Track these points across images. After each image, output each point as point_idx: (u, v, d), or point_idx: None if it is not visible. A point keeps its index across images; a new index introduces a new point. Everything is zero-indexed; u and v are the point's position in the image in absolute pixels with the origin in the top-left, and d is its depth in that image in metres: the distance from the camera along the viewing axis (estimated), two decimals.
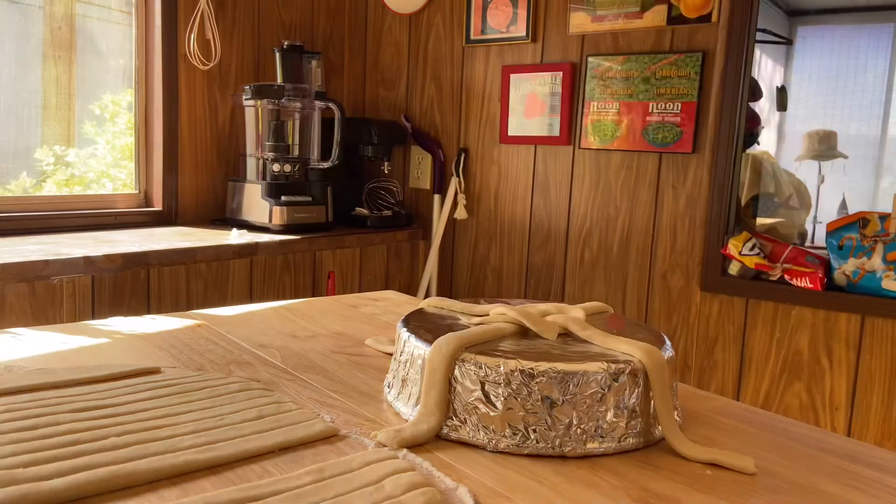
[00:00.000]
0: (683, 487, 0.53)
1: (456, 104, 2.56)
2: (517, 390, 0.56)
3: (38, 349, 0.77)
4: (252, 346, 0.82)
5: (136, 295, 1.79)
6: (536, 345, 0.62)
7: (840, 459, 0.59)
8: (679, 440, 0.58)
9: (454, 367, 0.58)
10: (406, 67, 2.68)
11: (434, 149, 2.59)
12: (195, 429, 0.55)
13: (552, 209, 2.33)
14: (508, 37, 2.37)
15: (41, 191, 2.14)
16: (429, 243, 2.60)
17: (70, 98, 2.19)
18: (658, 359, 0.59)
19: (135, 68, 2.28)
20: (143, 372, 0.69)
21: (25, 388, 0.63)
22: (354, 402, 0.66)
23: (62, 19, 2.15)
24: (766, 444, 0.62)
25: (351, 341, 0.87)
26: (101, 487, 0.46)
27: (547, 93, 2.29)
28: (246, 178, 2.35)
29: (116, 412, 0.58)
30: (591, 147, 2.21)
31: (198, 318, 0.93)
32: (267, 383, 0.69)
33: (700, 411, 0.69)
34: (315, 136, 2.40)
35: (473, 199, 2.53)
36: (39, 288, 1.59)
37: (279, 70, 2.33)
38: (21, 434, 0.53)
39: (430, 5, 2.58)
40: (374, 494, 0.47)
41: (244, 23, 2.44)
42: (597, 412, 0.56)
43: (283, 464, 0.52)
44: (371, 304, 1.09)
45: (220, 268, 1.97)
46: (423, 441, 0.57)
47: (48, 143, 2.16)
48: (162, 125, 2.26)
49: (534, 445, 0.56)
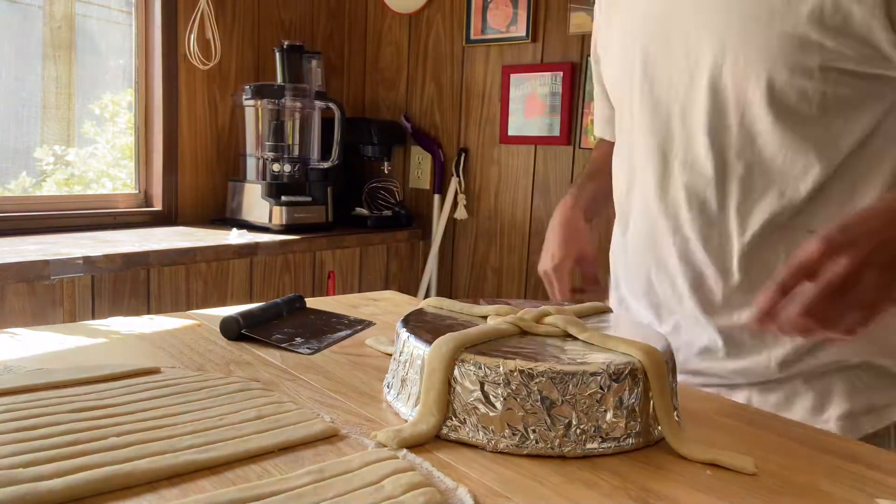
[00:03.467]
0: (683, 487, 0.53)
1: (456, 104, 2.56)
2: (516, 390, 0.56)
3: (38, 349, 0.77)
4: (252, 346, 0.82)
5: (136, 295, 1.79)
6: (536, 345, 0.62)
7: (840, 459, 0.59)
8: (679, 440, 0.58)
9: (454, 368, 0.58)
10: (406, 67, 2.68)
11: (434, 149, 2.59)
12: (195, 429, 0.55)
13: (552, 209, 2.32)
14: (508, 37, 2.37)
15: (41, 190, 2.14)
16: (429, 243, 2.60)
17: (70, 98, 2.19)
18: (658, 359, 0.59)
19: (135, 68, 2.28)
20: (143, 372, 0.69)
21: (25, 388, 0.63)
22: (354, 402, 0.66)
23: (62, 19, 2.14)
24: (766, 444, 0.62)
25: (351, 341, 0.87)
26: (101, 487, 0.46)
27: (547, 93, 2.29)
28: (246, 178, 2.35)
29: (116, 412, 0.58)
30: (591, 147, 2.21)
31: (197, 318, 0.93)
32: (267, 383, 0.69)
33: (700, 411, 0.69)
34: (315, 136, 2.40)
35: (473, 199, 2.53)
36: (39, 288, 1.59)
37: (279, 70, 2.33)
38: (20, 434, 0.53)
39: (430, 5, 2.58)
40: (374, 494, 0.47)
41: (244, 23, 2.44)
42: (596, 412, 0.56)
43: (283, 464, 0.52)
44: (371, 304, 1.09)
45: (220, 268, 1.97)
46: (422, 441, 0.57)
47: (48, 143, 2.16)
48: (162, 125, 2.26)
49: (533, 446, 0.56)
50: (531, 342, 0.63)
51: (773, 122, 0.77)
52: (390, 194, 2.69)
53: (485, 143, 2.49)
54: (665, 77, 0.85)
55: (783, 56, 0.74)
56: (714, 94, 0.80)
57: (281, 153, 2.31)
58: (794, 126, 0.77)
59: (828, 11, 0.72)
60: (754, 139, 0.79)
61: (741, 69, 0.77)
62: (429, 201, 2.63)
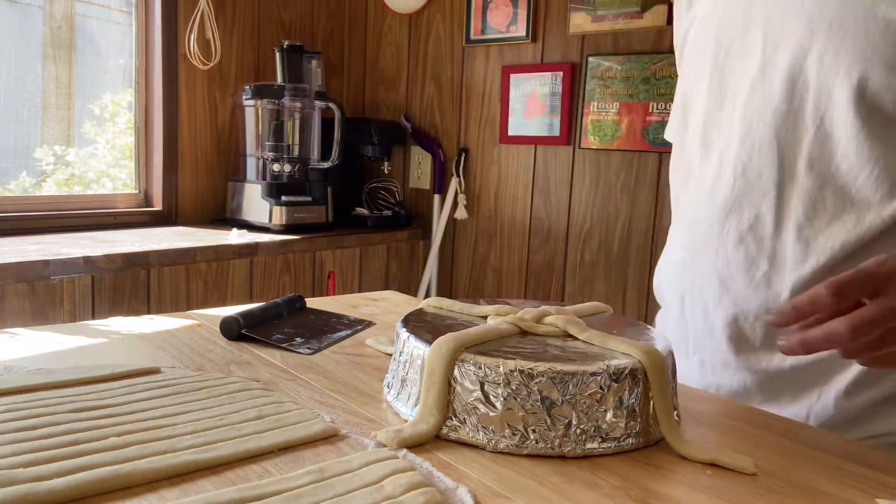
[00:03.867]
0: (683, 487, 0.53)
1: (456, 104, 2.56)
2: (516, 390, 0.56)
3: (38, 349, 0.77)
4: (252, 346, 0.82)
5: (136, 295, 1.79)
6: (536, 345, 0.62)
7: (840, 459, 0.59)
8: (679, 440, 0.58)
9: (454, 368, 0.58)
10: (406, 67, 2.68)
11: (434, 149, 2.59)
12: (195, 429, 0.55)
13: (552, 209, 2.33)
14: (508, 37, 2.37)
15: (41, 190, 2.14)
16: (429, 243, 2.60)
17: (70, 98, 2.19)
18: (658, 359, 0.59)
19: (135, 68, 2.28)
20: (143, 372, 0.69)
21: (25, 388, 0.63)
22: (354, 402, 0.66)
23: (62, 19, 2.14)
24: (766, 444, 0.61)
25: (351, 341, 0.87)
26: (101, 487, 0.46)
27: (547, 93, 2.29)
28: (246, 178, 2.35)
29: (116, 412, 0.58)
30: (591, 147, 2.21)
31: (197, 318, 0.93)
32: (267, 383, 0.69)
33: (700, 411, 0.69)
34: (315, 136, 2.40)
35: (473, 199, 2.53)
36: (39, 288, 1.59)
37: (279, 70, 2.33)
38: (20, 434, 0.53)
39: (430, 5, 2.58)
40: (373, 494, 0.47)
41: (244, 23, 2.44)
42: (596, 412, 0.56)
43: (283, 464, 0.52)
44: (371, 304, 1.09)
45: (220, 268, 1.97)
46: (422, 441, 0.57)
47: (48, 143, 2.16)
48: (162, 125, 2.26)
49: (533, 446, 0.56)
50: (531, 342, 0.63)
51: (860, 129, 0.63)
52: (390, 194, 2.69)
53: (485, 143, 2.49)
54: (737, 66, 0.72)
55: (883, 49, 0.61)
56: (790, 89, 0.67)
57: (281, 153, 2.31)
58: (886, 137, 0.63)
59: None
60: (833, 149, 0.65)
61: (829, 61, 0.64)
62: (429, 201, 2.63)
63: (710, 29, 0.77)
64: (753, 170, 0.70)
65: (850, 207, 0.65)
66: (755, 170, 0.70)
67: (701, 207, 0.75)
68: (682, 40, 0.85)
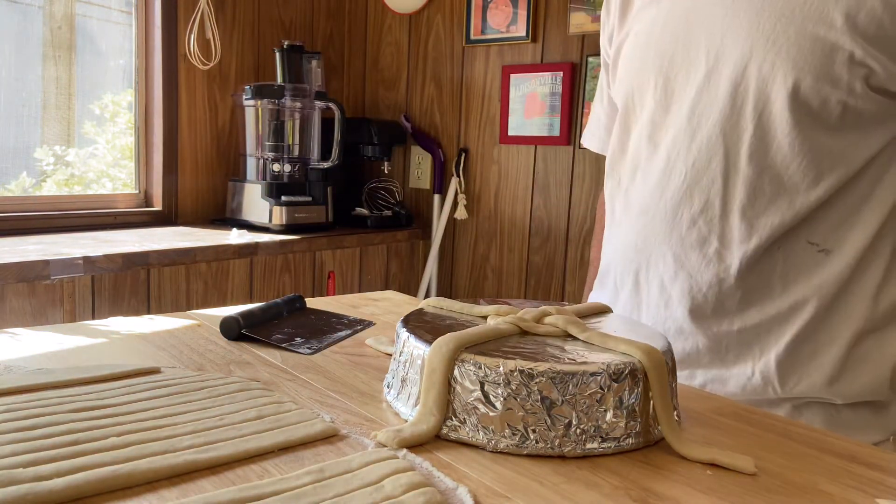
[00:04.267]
0: (683, 487, 0.53)
1: (456, 104, 2.56)
2: (516, 390, 0.56)
3: (38, 349, 0.77)
4: (252, 346, 0.82)
5: (136, 295, 1.79)
6: (536, 345, 0.62)
7: (840, 459, 0.59)
8: (679, 440, 0.58)
9: (453, 368, 0.58)
10: (406, 67, 2.68)
11: (434, 149, 2.59)
12: (195, 429, 0.55)
13: (552, 209, 2.33)
14: (508, 37, 2.37)
15: (41, 190, 2.14)
16: (429, 243, 2.60)
17: (70, 98, 2.19)
18: (658, 359, 0.59)
19: (135, 68, 2.28)
20: (143, 372, 0.69)
21: (25, 388, 0.63)
22: (354, 402, 0.66)
23: (62, 19, 2.15)
24: (766, 444, 0.61)
25: (351, 341, 0.87)
26: (101, 487, 0.46)
27: (547, 93, 2.29)
28: (246, 178, 2.35)
29: (116, 412, 0.58)
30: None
31: (197, 318, 0.93)
32: (267, 383, 0.69)
33: (700, 411, 0.69)
34: (315, 136, 2.40)
35: (473, 199, 2.53)
36: (39, 288, 1.59)
37: (279, 70, 2.33)
38: (20, 434, 0.53)
39: (430, 5, 2.58)
40: (373, 494, 0.47)
41: (244, 23, 2.44)
42: (596, 412, 0.56)
43: (283, 464, 0.52)
44: (371, 304, 1.09)
45: (220, 268, 1.97)
46: (422, 441, 0.57)
47: (48, 143, 2.16)
48: (162, 125, 2.26)
49: (533, 446, 0.56)
50: (531, 342, 0.63)
51: (793, 127, 0.75)
52: (390, 194, 2.69)
53: (485, 143, 2.49)
54: (681, 76, 0.83)
55: (811, 61, 0.73)
56: (733, 93, 0.78)
57: (281, 153, 2.31)
58: (813, 134, 0.75)
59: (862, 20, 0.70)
60: (770, 143, 0.77)
61: (767, 70, 0.75)
62: (429, 201, 2.63)
63: (649, 43, 0.87)
64: (702, 162, 0.81)
65: (784, 192, 0.77)
66: (704, 162, 0.80)
67: (653, 196, 0.85)
68: (615, 54, 0.96)
